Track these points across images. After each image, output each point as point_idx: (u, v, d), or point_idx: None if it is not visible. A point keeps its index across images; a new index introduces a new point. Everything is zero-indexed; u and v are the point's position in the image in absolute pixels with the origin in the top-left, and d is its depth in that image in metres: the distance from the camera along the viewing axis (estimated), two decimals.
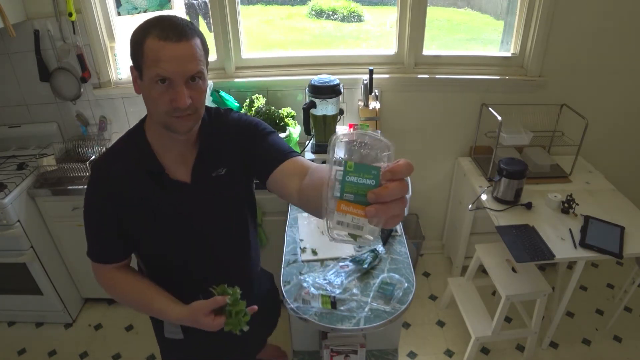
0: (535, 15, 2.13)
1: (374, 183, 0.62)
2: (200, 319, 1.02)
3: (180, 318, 1.07)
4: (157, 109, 0.98)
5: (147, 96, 0.98)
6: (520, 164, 1.98)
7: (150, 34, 0.92)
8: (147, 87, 0.96)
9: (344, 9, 2.67)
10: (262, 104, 2.15)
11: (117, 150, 1.09)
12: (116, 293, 1.16)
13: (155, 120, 1.03)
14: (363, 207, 0.61)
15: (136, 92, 1.01)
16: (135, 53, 0.95)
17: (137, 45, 0.94)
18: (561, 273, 2.38)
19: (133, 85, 1.02)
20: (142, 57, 0.93)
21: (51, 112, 2.39)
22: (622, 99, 2.34)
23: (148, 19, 0.96)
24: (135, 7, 2.25)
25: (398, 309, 1.34)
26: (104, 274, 1.15)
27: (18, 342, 2.35)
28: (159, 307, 1.10)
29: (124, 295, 1.14)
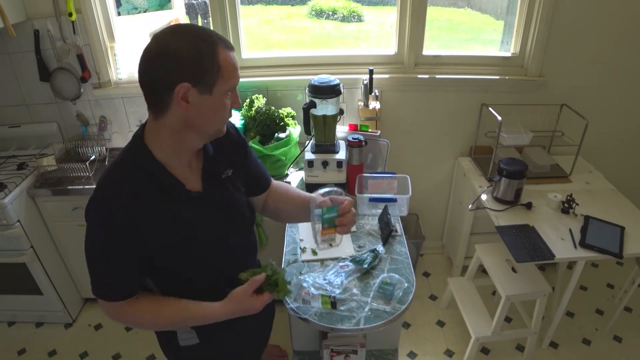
0: (535, 15, 2.13)
1: (336, 215, 1.19)
2: (247, 303, 1.07)
3: (226, 312, 1.08)
4: (219, 119, 0.98)
5: (212, 109, 0.95)
6: (520, 164, 1.98)
7: (218, 45, 0.90)
8: (218, 101, 0.94)
9: (344, 9, 2.67)
10: (262, 104, 2.15)
11: (121, 177, 0.99)
12: (146, 322, 1.09)
13: (204, 132, 1.00)
14: (334, 229, 1.20)
15: (182, 109, 0.92)
16: (205, 66, 0.90)
17: (208, 60, 0.89)
18: (561, 273, 2.38)
19: (180, 107, 0.92)
20: (218, 70, 0.91)
21: (51, 112, 2.39)
22: (622, 99, 2.34)
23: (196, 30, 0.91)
24: (135, 7, 2.26)
25: (398, 309, 1.34)
26: (123, 309, 1.06)
27: (18, 342, 2.35)
28: (198, 312, 1.08)
29: (157, 319, 1.09)
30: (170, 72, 0.90)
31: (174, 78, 0.90)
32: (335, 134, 1.94)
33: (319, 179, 1.88)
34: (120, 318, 1.08)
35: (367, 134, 1.99)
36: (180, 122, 0.96)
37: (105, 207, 0.96)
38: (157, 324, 1.12)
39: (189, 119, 0.95)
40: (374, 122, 2.12)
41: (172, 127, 0.96)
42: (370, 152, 2.05)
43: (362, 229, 1.70)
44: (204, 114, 0.95)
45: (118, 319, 1.08)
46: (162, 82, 0.91)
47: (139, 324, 1.11)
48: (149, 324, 1.10)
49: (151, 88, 0.94)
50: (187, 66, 0.89)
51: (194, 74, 0.90)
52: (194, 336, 1.21)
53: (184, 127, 0.97)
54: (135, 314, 1.07)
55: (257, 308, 1.09)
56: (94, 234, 0.98)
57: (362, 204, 1.77)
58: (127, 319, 1.09)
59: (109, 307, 1.06)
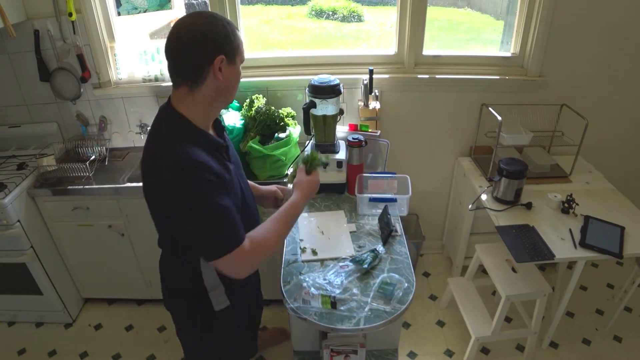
0: (535, 15, 2.13)
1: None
2: (310, 182, 1.39)
3: (303, 197, 1.35)
4: (236, 87, 1.21)
5: (233, 78, 1.16)
6: (520, 164, 1.98)
7: (233, 26, 1.13)
8: (237, 70, 1.17)
9: (344, 9, 2.67)
10: (262, 104, 2.16)
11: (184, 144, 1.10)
12: (271, 243, 1.23)
13: (227, 102, 1.22)
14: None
15: (217, 79, 1.12)
16: (229, 41, 1.11)
17: (232, 36, 1.11)
18: (561, 273, 2.38)
19: (214, 76, 1.11)
20: (237, 44, 1.13)
21: (51, 112, 2.39)
22: (622, 98, 2.34)
23: (216, 15, 1.12)
24: (135, 7, 2.25)
25: (398, 309, 1.34)
26: (250, 246, 1.16)
27: (18, 342, 2.35)
28: (290, 211, 1.30)
29: (273, 235, 1.24)
30: (210, 49, 1.08)
31: (213, 53, 1.09)
32: (335, 134, 1.94)
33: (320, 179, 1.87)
34: (253, 258, 1.17)
35: (367, 134, 1.99)
36: (214, 91, 1.14)
37: (197, 160, 1.08)
38: (280, 233, 1.27)
39: (220, 88, 1.14)
40: (374, 122, 2.12)
41: (207, 96, 1.14)
42: (370, 152, 2.05)
43: (362, 229, 1.70)
44: (230, 82, 1.16)
45: (252, 259, 1.17)
46: (204, 56, 1.09)
47: (269, 249, 1.22)
48: (275, 236, 1.24)
49: (195, 62, 1.09)
50: (221, 42, 1.10)
51: (227, 47, 1.11)
52: (226, 298, 1.32)
53: (215, 96, 1.16)
54: (258, 242, 1.18)
55: (318, 181, 1.42)
56: (202, 191, 1.07)
57: (362, 204, 1.77)
58: (258, 253, 1.18)
59: (241, 253, 1.13)
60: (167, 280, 1.39)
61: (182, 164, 1.06)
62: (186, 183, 1.06)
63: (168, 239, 1.29)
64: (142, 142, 2.42)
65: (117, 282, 2.43)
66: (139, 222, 2.19)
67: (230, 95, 1.21)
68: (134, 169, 2.27)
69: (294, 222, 1.34)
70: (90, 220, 2.18)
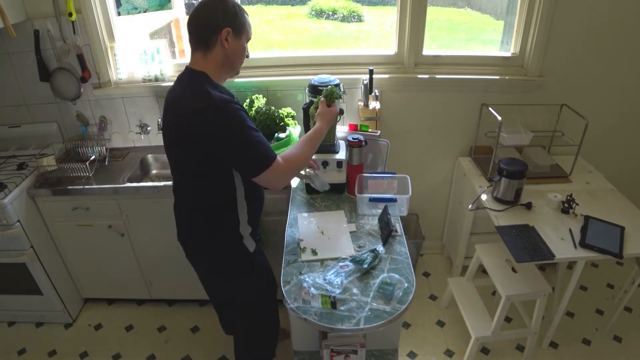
0: (535, 15, 2.13)
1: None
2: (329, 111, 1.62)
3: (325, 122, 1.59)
4: (241, 60, 1.44)
5: (238, 50, 1.40)
6: (520, 164, 1.98)
7: (242, 10, 1.38)
8: (242, 45, 1.41)
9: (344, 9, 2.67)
10: (262, 104, 2.16)
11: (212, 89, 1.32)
12: (299, 156, 1.47)
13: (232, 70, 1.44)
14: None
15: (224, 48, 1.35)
16: (238, 19, 1.36)
17: (240, 16, 1.37)
18: (561, 273, 2.38)
19: (222, 44, 1.34)
20: (244, 24, 1.39)
21: (51, 112, 2.39)
22: (622, 98, 2.34)
23: None
24: (135, 7, 2.25)
25: (398, 309, 1.34)
26: (284, 161, 1.40)
27: (18, 342, 2.36)
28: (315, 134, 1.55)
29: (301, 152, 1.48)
30: (219, 21, 1.33)
31: (222, 24, 1.33)
32: (335, 134, 1.94)
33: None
34: (287, 170, 1.42)
35: (367, 134, 1.99)
36: (222, 57, 1.37)
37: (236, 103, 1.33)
38: (307, 151, 1.50)
39: (227, 55, 1.37)
40: (374, 122, 2.12)
41: (217, 61, 1.37)
42: (370, 152, 2.05)
43: (362, 229, 1.70)
44: (236, 53, 1.40)
45: (286, 171, 1.42)
46: (213, 27, 1.33)
47: (298, 165, 1.48)
48: (303, 153, 1.49)
49: (205, 31, 1.34)
50: (230, 18, 1.34)
51: (233, 23, 1.35)
52: (252, 240, 1.57)
53: (224, 61, 1.38)
54: (290, 157, 1.43)
55: (337, 111, 1.66)
56: (240, 119, 1.31)
57: (362, 204, 1.77)
58: (290, 167, 1.43)
59: (277, 167, 1.37)
60: (207, 239, 1.53)
61: (217, 102, 1.28)
62: (227, 114, 1.29)
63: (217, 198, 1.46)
64: (142, 142, 2.45)
65: (117, 282, 2.43)
66: (139, 222, 2.19)
67: (235, 64, 1.43)
68: (134, 169, 2.27)
69: (317, 145, 1.56)
70: (90, 220, 2.18)
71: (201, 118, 1.28)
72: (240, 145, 1.32)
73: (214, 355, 2.25)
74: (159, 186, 2.08)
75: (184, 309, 2.53)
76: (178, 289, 2.45)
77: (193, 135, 1.32)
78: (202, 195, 1.46)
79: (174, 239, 2.14)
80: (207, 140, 1.31)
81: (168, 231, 2.19)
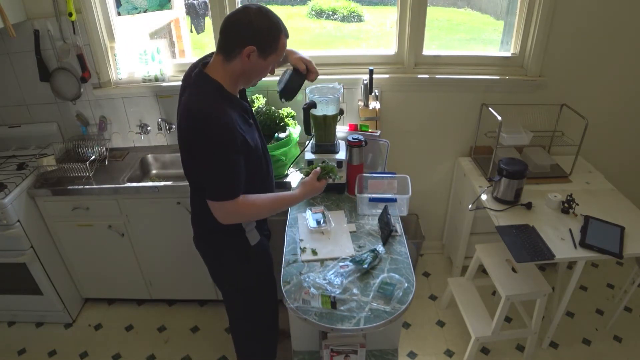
0: (535, 15, 2.13)
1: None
2: (315, 185, 1.56)
3: (303, 193, 1.54)
4: (260, 77, 1.43)
5: (260, 68, 1.36)
6: (520, 164, 1.98)
7: (282, 32, 1.33)
8: (265, 66, 1.37)
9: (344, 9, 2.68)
10: (262, 104, 2.15)
11: (221, 103, 1.33)
12: (258, 210, 1.45)
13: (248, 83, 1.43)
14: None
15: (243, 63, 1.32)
16: (269, 41, 1.31)
17: (274, 38, 1.32)
18: (561, 273, 2.38)
19: (242, 61, 1.31)
20: (276, 47, 1.34)
21: (51, 112, 2.39)
22: (622, 98, 2.34)
23: (274, 17, 1.31)
24: (135, 7, 2.26)
25: (398, 309, 1.34)
26: (241, 204, 1.38)
27: (18, 342, 2.36)
28: (287, 197, 1.52)
29: (263, 207, 1.46)
30: (247, 36, 1.29)
31: (247, 41, 1.29)
32: (335, 134, 1.94)
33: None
34: (238, 213, 1.40)
35: (367, 134, 1.99)
36: (240, 69, 1.35)
37: (228, 125, 1.29)
38: (268, 208, 1.48)
39: (245, 70, 1.35)
40: (374, 122, 2.12)
41: (234, 71, 1.35)
42: (370, 152, 2.05)
43: (362, 229, 1.70)
44: (256, 70, 1.37)
45: (237, 214, 1.40)
46: (239, 39, 1.29)
47: (254, 216, 1.48)
48: (264, 208, 1.46)
49: (231, 40, 1.30)
50: (259, 37, 1.29)
51: (261, 43, 1.30)
52: (257, 234, 1.59)
53: (240, 73, 1.37)
54: (249, 208, 1.41)
55: (321, 188, 1.59)
56: (222, 145, 1.29)
57: (362, 204, 1.77)
58: (247, 213, 1.43)
59: (229, 206, 1.36)
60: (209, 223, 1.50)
61: (210, 119, 1.27)
62: (213, 136, 1.27)
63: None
64: (142, 142, 2.45)
65: (117, 282, 2.43)
66: (139, 222, 2.19)
67: (252, 79, 1.42)
68: (133, 169, 2.27)
69: (284, 209, 1.59)
70: (90, 220, 2.18)
71: (191, 127, 1.31)
72: (206, 170, 1.34)
73: (214, 355, 2.25)
74: (159, 186, 2.08)
75: (184, 309, 2.53)
76: (178, 289, 2.45)
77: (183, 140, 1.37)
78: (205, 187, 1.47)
79: (174, 239, 2.15)
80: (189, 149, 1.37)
81: (168, 231, 2.19)
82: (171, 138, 2.43)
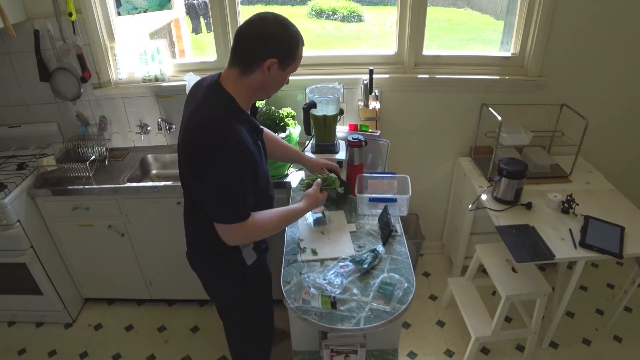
0: (535, 15, 2.13)
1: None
2: (318, 198, 1.56)
3: (307, 206, 1.53)
4: (278, 88, 1.37)
5: (278, 80, 1.32)
6: (520, 164, 1.98)
7: (300, 42, 1.30)
8: (284, 75, 1.32)
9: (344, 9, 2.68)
10: (262, 104, 2.15)
11: (232, 121, 1.27)
12: (267, 229, 1.40)
13: (265, 96, 1.39)
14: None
15: (263, 75, 1.27)
16: (290, 52, 1.27)
17: (293, 48, 1.28)
18: (561, 273, 2.38)
19: (262, 74, 1.27)
20: (294, 58, 1.30)
21: (51, 112, 2.39)
22: (622, 98, 2.34)
23: (292, 25, 1.28)
24: (135, 7, 2.26)
25: (398, 309, 1.34)
26: (251, 226, 1.34)
27: (18, 342, 2.36)
28: (293, 210, 1.50)
29: (271, 225, 1.41)
30: (268, 48, 1.24)
31: (269, 53, 1.24)
32: (335, 134, 1.94)
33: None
34: (249, 234, 1.37)
35: (367, 134, 1.99)
36: (258, 84, 1.30)
37: (239, 144, 1.24)
38: (277, 226, 1.44)
39: (264, 83, 1.30)
40: (374, 122, 2.12)
41: (251, 85, 1.30)
42: (370, 152, 2.05)
43: (362, 229, 1.70)
44: (274, 82, 1.32)
45: (246, 236, 1.37)
46: (260, 52, 1.24)
47: (263, 234, 1.42)
48: (272, 227, 1.41)
49: (250, 53, 1.25)
50: (281, 48, 1.25)
51: (282, 55, 1.26)
52: (254, 253, 1.54)
53: (259, 87, 1.32)
54: (260, 224, 1.37)
55: (323, 200, 1.59)
56: (230, 166, 1.24)
57: (362, 204, 1.77)
58: (257, 233, 1.39)
59: (239, 229, 1.32)
60: (205, 242, 1.51)
61: (215, 142, 1.22)
62: (217, 158, 1.22)
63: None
64: (142, 142, 2.45)
65: (117, 282, 2.43)
66: (139, 222, 2.19)
67: (270, 92, 1.38)
68: (133, 169, 2.27)
69: (292, 223, 1.57)
70: (90, 220, 2.18)
71: (197, 140, 1.24)
72: (208, 192, 1.29)
73: (214, 355, 2.25)
74: (159, 186, 2.08)
75: (184, 309, 2.53)
76: (178, 289, 2.45)
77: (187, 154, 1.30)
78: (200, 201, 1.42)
79: (174, 239, 2.15)
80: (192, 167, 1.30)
81: (168, 231, 2.19)
82: (171, 138, 2.43)
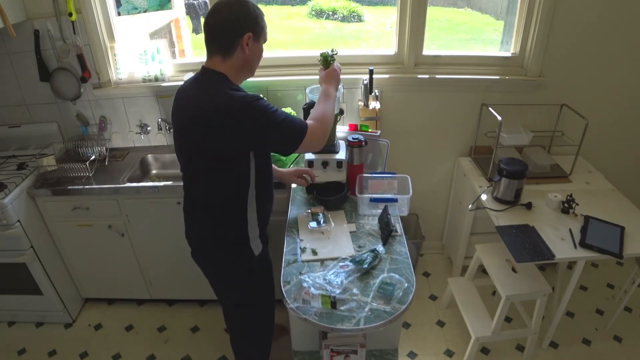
0: (535, 15, 2.13)
1: None
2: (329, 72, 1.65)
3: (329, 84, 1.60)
4: (258, 62, 1.45)
5: (257, 53, 1.41)
6: (520, 164, 1.98)
7: (260, 12, 1.38)
8: (260, 48, 1.42)
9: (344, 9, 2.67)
10: None
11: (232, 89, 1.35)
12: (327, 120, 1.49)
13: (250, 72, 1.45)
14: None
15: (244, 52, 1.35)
16: (257, 22, 1.36)
17: (260, 18, 1.37)
18: (561, 273, 2.38)
19: (242, 49, 1.35)
20: (263, 27, 1.39)
21: (51, 112, 2.39)
22: (622, 98, 2.34)
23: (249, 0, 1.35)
24: (135, 7, 2.26)
25: (398, 309, 1.34)
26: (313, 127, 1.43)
27: (18, 342, 2.35)
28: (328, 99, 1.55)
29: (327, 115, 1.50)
30: (242, 24, 1.33)
31: (243, 29, 1.33)
32: (335, 134, 1.94)
33: (319, 179, 1.88)
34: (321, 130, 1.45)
35: (367, 134, 1.99)
36: (240, 62, 1.38)
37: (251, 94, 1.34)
38: (331, 109, 1.53)
39: (245, 59, 1.38)
40: (374, 122, 2.12)
41: (235, 66, 1.38)
42: (370, 152, 2.05)
43: (362, 229, 1.70)
44: (254, 56, 1.41)
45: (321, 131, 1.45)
46: (234, 32, 1.33)
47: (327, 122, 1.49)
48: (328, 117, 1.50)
49: (227, 37, 1.34)
50: (250, 22, 1.35)
51: (254, 27, 1.36)
52: (260, 242, 1.58)
53: (242, 66, 1.40)
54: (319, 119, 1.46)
55: (335, 69, 1.65)
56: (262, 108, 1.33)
57: (362, 204, 1.77)
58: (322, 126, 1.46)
59: (313, 129, 1.42)
60: (212, 236, 1.54)
61: (239, 99, 1.31)
62: (251, 108, 1.31)
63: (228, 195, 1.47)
64: (142, 142, 2.45)
65: (117, 282, 2.43)
66: (139, 222, 2.19)
67: (253, 67, 1.45)
68: (133, 169, 2.27)
69: (334, 103, 1.59)
70: (90, 220, 2.18)
71: (225, 117, 1.29)
72: (272, 131, 1.36)
73: (214, 355, 2.25)
74: (159, 186, 2.08)
75: (184, 309, 2.53)
76: (178, 289, 2.45)
77: (216, 134, 1.32)
78: (213, 193, 1.47)
79: (174, 239, 2.15)
80: (235, 138, 1.33)
81: (168, 231, 2.19)
82: (171, 138, 2.43)
